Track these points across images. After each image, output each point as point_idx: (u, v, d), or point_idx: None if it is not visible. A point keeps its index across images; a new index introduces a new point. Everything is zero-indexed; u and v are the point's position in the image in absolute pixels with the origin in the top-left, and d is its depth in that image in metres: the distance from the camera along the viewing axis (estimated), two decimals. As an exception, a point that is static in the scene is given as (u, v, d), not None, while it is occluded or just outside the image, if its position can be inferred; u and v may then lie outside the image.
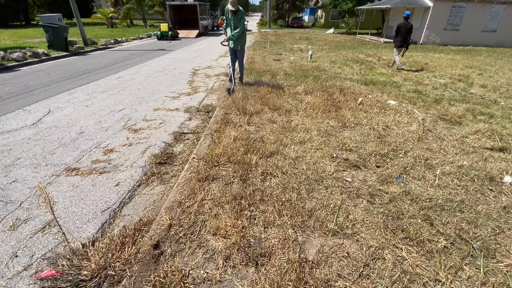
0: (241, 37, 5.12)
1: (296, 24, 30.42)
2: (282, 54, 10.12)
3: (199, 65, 8.40)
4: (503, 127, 3.75)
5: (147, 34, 17.79)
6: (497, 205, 2.18)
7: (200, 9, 18.54)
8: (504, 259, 1.67)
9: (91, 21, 27.84)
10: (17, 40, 13.23)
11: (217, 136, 3.24)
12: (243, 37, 5.16)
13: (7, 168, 2.68)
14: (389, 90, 5.49)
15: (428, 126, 3.71)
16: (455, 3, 14.88)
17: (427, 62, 9.07)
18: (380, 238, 1.80)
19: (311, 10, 40.32)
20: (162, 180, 2.57)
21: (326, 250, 1.71)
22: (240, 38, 5.12)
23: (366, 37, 18.50)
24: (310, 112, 4.08)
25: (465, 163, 2.76)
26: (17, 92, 5.17)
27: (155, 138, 3.44)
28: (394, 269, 1.59)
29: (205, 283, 1.50)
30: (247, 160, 2.68)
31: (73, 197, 2.29)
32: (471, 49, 13.90)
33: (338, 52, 10.96)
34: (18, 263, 1.68)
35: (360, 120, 3.79)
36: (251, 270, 1.57)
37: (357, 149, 2.98)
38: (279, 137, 3.22)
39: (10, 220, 2.01)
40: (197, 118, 4.18)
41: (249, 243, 1.75)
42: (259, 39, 15.70)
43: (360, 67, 7.90)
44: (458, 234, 1.85)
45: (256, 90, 5.07)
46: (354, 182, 2.41)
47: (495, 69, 8.25)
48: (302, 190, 2.28)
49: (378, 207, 2.11)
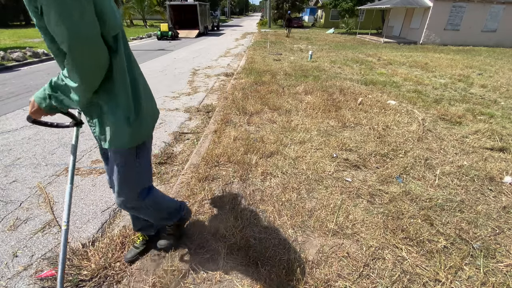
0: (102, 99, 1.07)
1: (296, 24, 30.40)
2: (282, 54, 10.11)
3: (199, 65, 8.40)
4: (503, 127, 3.75)
5: (147, 34, 17.79)
6: (497, 205, 2.18)
7: (200, 9, 18.54)
8: (504, 259, 1.67)
9: (91, 21, 27.80)
10: (17, 40, 13.22)
11: (217, 136, 3.24)
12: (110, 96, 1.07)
13: (7, 168, 2.68)
14: (389, 90, 5.49)
15: (428, 126, 3.71)
16: (455, 3, 14.88)
17: (427, 62, 9.07)
18: (380, 238, 1.80)
19: (311, 10, 40.33)
20: (162, 180, 2.57)
21: (326, 250, 1.71)
22: (97, 107, 1.09)
23: (366, 37, 18.50)
24: (310, 112, 4.08)
25: (465, 163, 2.76)
26: (17, 92, 5.17)
27: (155, 138, 3.42)
28: (394, 269, 1.59)
29: (205, 283, 1.50)
30: (247, 160, 2.68)
31: (73, 197, 2.29)
32: (471, 49, 13.90)
33: (338, 52, 10.96)
34: (18, 263, 1.67)
35: (360, 120, 3.79)
36: (251, 270, 1.57)
37: (357, 149, 2.98)
38: (279, 137, 3.22)
39: (10, 220, 2.01)
40: (197, 118, 4.17)
41: (249, 243, 1.75)
42: (259, 39, 15.70)
43: (360, 67, 7.90)
44: (458, 234, 1.85)
45: (256, 90, 5.07)
46: (354, 182, 2.41)
47: (495, 69, 8.25)
48: (302, 190, 2.28)
49: (378, 207, 2.11)
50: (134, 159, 1.23)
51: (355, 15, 22.54)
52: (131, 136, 1.15)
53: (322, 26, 31.50)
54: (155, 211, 1.44)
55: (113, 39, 0.98)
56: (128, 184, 1.27)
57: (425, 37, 15.69)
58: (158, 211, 1.47)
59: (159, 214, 1.49)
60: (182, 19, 20.04)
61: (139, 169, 1.27)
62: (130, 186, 1.28)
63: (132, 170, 1.25)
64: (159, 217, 1.51)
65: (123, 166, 1.22)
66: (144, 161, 1.29)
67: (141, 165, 1.27)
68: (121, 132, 1.12)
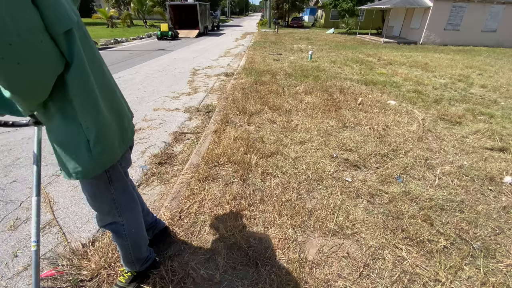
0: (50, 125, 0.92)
1: (296, 24, 30.42)
2: (282, 54, 10.11)
3: (199, 65, 8.40)
4: (503, 127, 3.75)
5: (147, 34, 17.79)
6: (497, 205, 2.18)
7: (200, 9, 18.54)
8: (504, 259, 1.67)
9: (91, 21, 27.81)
10: None
11: (217, 136, 3.24)
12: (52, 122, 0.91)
13: (7, 168, 2.68)
14: (389, 90, 5.49)
15: (428, 126, 3.71)
16: (455, 3, 14.88)
17: (427, 62, 9.07)
18: (380, 238, 1.80)
19: (311, 10, 40.32)
20: (162, 180, 2.57)
21: (326, 250, 1.71)
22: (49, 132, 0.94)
23: (366, 37, 18.50)
24: (310, 112, 4.08)
25: (465, 163, 2.76)
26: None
27: (155, 138, 3.44)
28: (394, 269, 1.59)
29: (205, 283, 1.50)
30: (247, 160, 2.68)
31: (73, 197, 2.29)
32: (471, 49, 13.90)
33: (338, 52, 10.96)
34: (18, 263, 1.67)
35: (360, 120, 3.79)
36: (251, 270, 1.57)
37: (357, 149, 2.98)
38: (279, 137, 3.21)
39: (10, 220, 2.01)
40: (197, 118, 4.17)
41: (249, 243, 1.75)
42: (259, 39, 15.70)
43: (360, 67, 7.90)
44: (458, 234, 1.85)
45: (256, 90, 5.07)
46: (354, 182, 2.41)
47: (495, 69, 8.25)
48: (302, 190, 2.28)
49: (378, 207, 2.11)
50: (107, 186, 1.09)
51: (355, 15, 22.54)
52: (93, 163, 0.96)
53: (322, 26, 31.50)
54: (132, 244, 1.29)
55: (64, 39, 0.77)
56: (103, 211, 1.16)
57: (425, 37, 15.69)
58: (134, 248, 1.31)
59: (135, 250, 1.33)
60: (182, 19, 20.05)
61: (115, 195, 1.13)
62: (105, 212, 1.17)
63: (107, 198, 1.12)
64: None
65: (93, 196, 1.10)
66: (119, 185, 1.14)
67: (116, 190, 1.12)
68: (78, 160, 0.93)
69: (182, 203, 2.11)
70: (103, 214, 1.17)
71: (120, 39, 14.27)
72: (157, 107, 4.53)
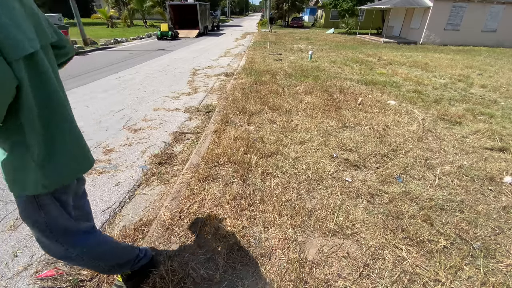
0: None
1: (296, 24, 30.41)
2: (282, 54, 10.11)
3: (199, 65, 8.40)
4: (503, 127, 3.75)
5: (147, 34, 17.80)
6: (497, 205, 2.18)
7: (200, 9, 18.54)
8: (504, 259, 1.67)
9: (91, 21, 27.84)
10: None
11: (217, 136, 3.24)
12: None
13: (7, 168, 2.67)
14: (389, 90, 5.49)
15: (428, 126, 3.71)
16: (455, 3, 14.88)
17: (427, 62, 9.07)
18: (380, 238, 1.80)
19: (311, 10, 40.32)
20: (162, 180, 2.57)
21: (326, 250, 1.71)
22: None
23: (366, 37, 18.50)
24: (310, 112, 4.08)
25: (465, 163, 2.76)
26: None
27: (155, 138, 3.44)
28: (394, 269, 1.59)
29: (205, 283, 1.50)
30: (247, 160, 2.68)
31: (73, 197, 2.29)
32: (471, 49, 13.90)
33: (338, 52, 10.96)
34: (18, 263, 1.67)
35: (360, 120, 3.79)
36: (251, 270, 1.57)
37: (357, 149, 2.98)
38: (279, 137, 3.21)
39: (10, 220, 2.01)
40: (197, 118, 4.17)
41: (249, 243, 1.75)
42: (259, 39, 15.69)
43: (360, 67, 7.90)
44: (458, 234, 1.85)
45: (256, 90, 5.07)
46: (354, 182, 2.41)
47: (495, 69, 8.25)
48: (302, 190, 2.28)
49: (378, 207, 2.11)
50: (37, 211, 0.99)
51: (355, 15, 22.54)
52: (35, 180, 0.92)
53: (322, 26, 31.49)
54: (93, 260, 1.18)
55: (17, 66, 0.73)
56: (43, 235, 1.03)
57: (425, 37, 15.69)
58: (99, 261, 1.20)
59: (104, 263, 1.22)
60: (182, 19, 20.05)
61: (49, 220, 1.01)
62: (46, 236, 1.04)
63: (41, 224, 1.00)
64: (104, 267, 1.24)
65: (26, 218, 1.01)
66: (54, 215, 1.02)
67: (50, 218, 1.01)
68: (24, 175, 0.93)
69: (182, 203, 2.11)
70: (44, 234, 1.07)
71: (120, 39, 14.29)
72: (157, 107, 4.53)
